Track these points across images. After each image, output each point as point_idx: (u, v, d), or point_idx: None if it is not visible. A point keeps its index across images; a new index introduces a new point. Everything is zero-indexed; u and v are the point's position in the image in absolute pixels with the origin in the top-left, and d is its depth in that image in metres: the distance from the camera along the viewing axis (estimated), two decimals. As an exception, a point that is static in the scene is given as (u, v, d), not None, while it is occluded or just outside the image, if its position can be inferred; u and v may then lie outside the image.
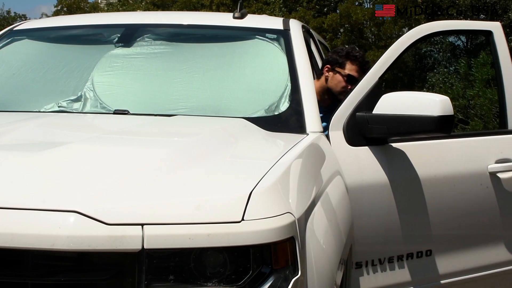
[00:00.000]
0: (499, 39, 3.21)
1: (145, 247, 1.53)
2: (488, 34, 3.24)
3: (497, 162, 3.06)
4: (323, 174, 2.30)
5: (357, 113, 2.75)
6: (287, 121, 2.66)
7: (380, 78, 2.87)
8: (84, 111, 2.80)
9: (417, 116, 2.61)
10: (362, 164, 2.75)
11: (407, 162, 2.86)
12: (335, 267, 2.01)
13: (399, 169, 2.84)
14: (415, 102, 2.65)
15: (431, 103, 2.62)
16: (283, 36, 3.08)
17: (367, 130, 2.74)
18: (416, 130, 2.69)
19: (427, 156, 2.92)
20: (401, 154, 2.85)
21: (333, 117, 2.77)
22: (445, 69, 16.73)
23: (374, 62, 2.96)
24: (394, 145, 2.84)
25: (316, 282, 1.79)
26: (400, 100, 2.68)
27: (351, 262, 2.66)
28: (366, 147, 2.77)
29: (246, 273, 1.59)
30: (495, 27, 3.23)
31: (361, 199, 2.70)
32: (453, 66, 16.85)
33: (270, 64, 3.00)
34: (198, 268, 1.57)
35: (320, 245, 1.90)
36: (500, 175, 3.05)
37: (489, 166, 3.03)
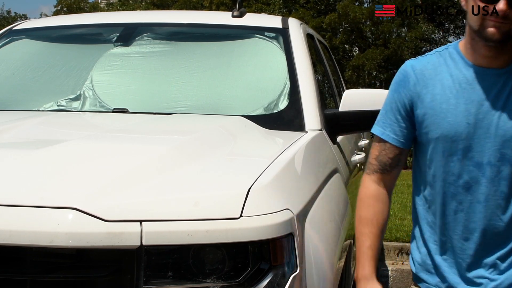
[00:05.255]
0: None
1: (143, 243, 1.53)
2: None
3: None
4: (321, 171, 2.30)
5: (325, 111, 2.81)
6: (286, 119, 2.66)
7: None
8: (83, 110, 2.80)
9: None
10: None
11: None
12: (335, 263, 2.01)
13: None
14: (379, 97, 2.74)
15: None
16: (282, 35, 3.08)
17: (340, 127, 2.80)
18: None
19: None
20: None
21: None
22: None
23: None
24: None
25: (315, 278, 1.79)
26: (363, 97, 2.76)
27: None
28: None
29: (245, 269, 1.59)
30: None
31: None
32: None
33: (269, 62, 3.00)
34: (196, 265, 1.57)
35: (319, 241, 1.90)
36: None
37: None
